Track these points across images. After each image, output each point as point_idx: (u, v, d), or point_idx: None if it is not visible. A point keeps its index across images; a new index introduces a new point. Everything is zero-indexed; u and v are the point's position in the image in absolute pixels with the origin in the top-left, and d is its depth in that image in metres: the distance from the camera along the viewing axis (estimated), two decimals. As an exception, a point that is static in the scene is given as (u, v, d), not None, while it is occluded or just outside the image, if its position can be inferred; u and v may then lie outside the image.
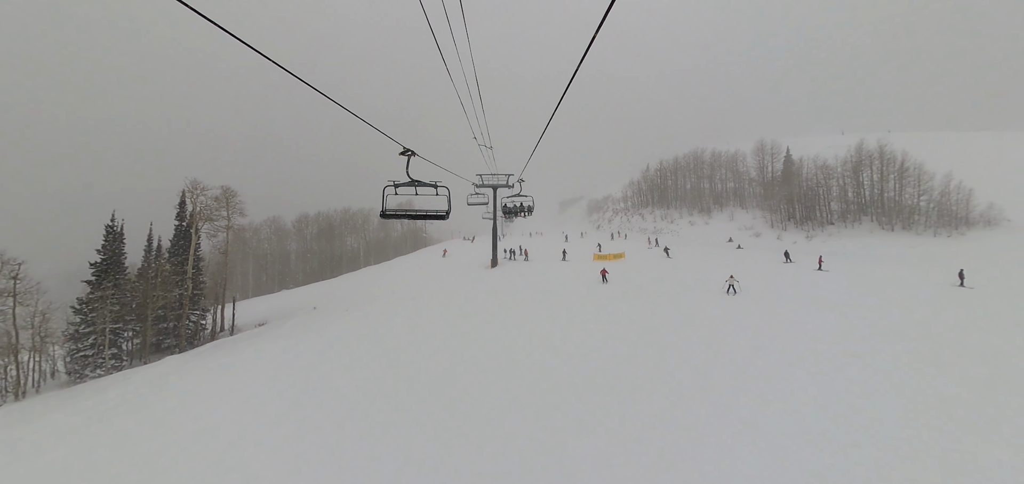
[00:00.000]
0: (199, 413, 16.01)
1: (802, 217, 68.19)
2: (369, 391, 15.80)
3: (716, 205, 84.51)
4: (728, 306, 23.50)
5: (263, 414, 15.01)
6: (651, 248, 56.77)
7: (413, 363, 18.46)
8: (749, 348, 16.69)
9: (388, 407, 14.25)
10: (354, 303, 40.35)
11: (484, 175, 46.70)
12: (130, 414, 17.08)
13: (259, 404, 16.09)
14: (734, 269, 33.09)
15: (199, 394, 18.53)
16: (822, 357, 15.57)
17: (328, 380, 17.57)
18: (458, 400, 14.22)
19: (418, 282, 44.19)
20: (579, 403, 13.16)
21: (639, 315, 22.47)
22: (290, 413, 14.79)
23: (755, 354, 16.04)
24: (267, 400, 16.46)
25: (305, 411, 14.82)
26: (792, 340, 17.46)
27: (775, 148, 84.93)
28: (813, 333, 18.24)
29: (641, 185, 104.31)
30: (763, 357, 15.78)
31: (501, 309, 26.03)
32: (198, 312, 37.21)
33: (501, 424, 12.26)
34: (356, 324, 28.49)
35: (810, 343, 17.05)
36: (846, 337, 17.60)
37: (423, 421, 12.89)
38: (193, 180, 35.04)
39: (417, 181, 9.07)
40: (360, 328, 26.85)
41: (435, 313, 27.66)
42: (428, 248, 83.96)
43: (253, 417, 14.86)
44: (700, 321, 20.81)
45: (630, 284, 30.07)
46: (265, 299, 62.92)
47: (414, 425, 12.69)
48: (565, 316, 23.32)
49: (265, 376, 19.82)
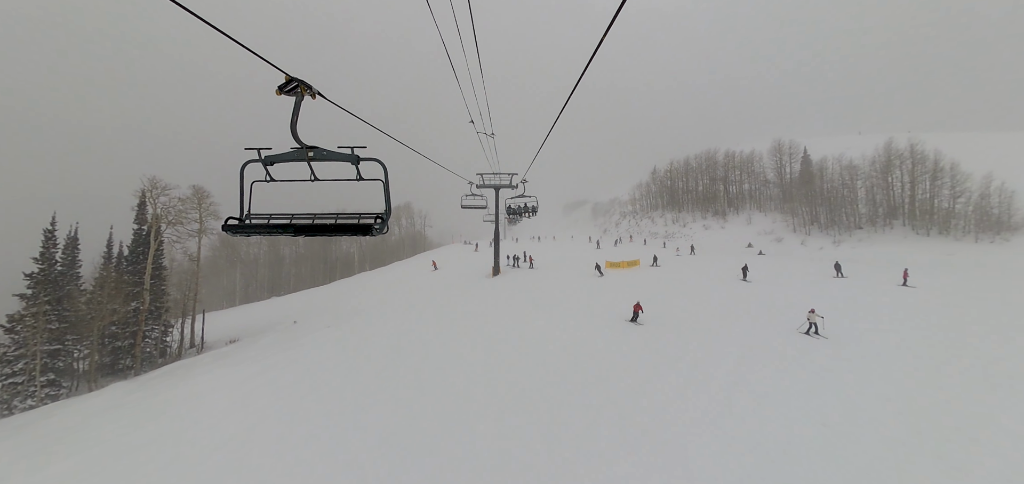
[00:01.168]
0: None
1: (827, 221, 63.43)
2: (336, 456, 11.46)
3: (731, 208, 79.80)
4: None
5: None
6: (678, 256, 51.62)
7: (393, 406, 14.10)
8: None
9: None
10: (338, 316, 36.08)
11: (485, 174, 42.56)
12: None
13: (190, 462, 11.83)
14: (783, 289, 28.52)
15: (117, 447, 14.19)
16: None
17: (288, 432, 13.19)
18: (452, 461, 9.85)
19: (411, 293, 39.86)
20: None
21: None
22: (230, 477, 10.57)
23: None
24: (205, 455, 12.18)
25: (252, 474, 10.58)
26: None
27: (793, 148, 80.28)
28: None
29: (650, 187, 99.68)
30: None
31: (502, 328, 21.61)
32: (161, 327, 32.91)
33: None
34: (333, 346, 24.15)
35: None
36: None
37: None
38: (151, 178, 30.80)
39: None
40: (336, 352, 22.48)
41: (425, 331, 23.25)
42: (428, 252, 79.63)
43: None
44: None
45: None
46: (250, 309, 58.67)
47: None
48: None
49: (211, 418, 15.55)
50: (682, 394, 13.47)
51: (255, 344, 31.66)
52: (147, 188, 30.45)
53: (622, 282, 32.86)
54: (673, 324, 21.20)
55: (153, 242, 29.75)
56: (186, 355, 34.47)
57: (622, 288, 29.72)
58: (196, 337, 37.08)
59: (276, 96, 3.90)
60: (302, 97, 3.94)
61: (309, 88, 3.93)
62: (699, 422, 11.77)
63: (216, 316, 56.61)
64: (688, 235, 76.45)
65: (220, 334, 40.10)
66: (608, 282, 33.32)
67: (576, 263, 45.69)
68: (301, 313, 43.14)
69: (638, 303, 21.87)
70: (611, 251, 55.36)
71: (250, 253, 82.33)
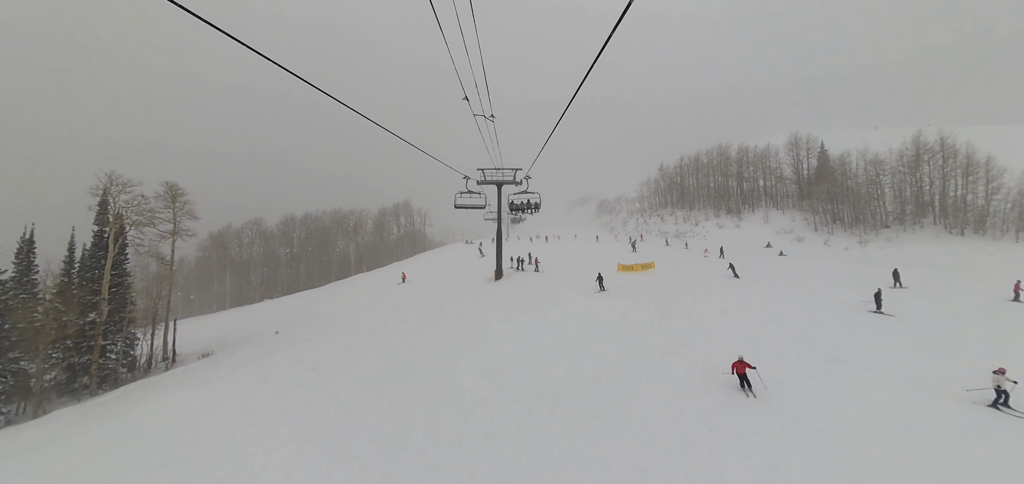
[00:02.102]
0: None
1: (851, 219, 59.55)
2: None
3: (746, 206, 75.94)
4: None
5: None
6: (706, 258, 47.61)
7: (373, 448, 10.61)
8: None
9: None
10: (322, 328, 32.72)
11: (486, 170, 39.06)
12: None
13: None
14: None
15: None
16: None
17: None
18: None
19: (403, 299, 36.43)
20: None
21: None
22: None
23: None
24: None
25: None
26: None
27: (810, 142, 76.25)
28: None
29: (659, 183, 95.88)
30: None
31: (505, 356, 18.07)
32: (125, 340, 29.56)
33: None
34: (311, 367, 20.71)
35: None
36: None
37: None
38: (110, 173, 27.36)
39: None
40: (311, 375, 19.04)
41: (413, 351, 19.76)
42: (426, 253, 76.18)
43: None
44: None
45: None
46: (238, 314, 55.38)
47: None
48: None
49: (153, 461, 12.23)
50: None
51: (228, 359, 28.31)
52: (107, 184, 27.02)
53: (648, 290, 29.15)
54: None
55: (112, 246, 26.36)
56: (156, 370, 31.17)
57: (658, 301, 25.33)
58: (170, 349, 33.74)
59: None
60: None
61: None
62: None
63: (200, 322, 53.39)
64: (701, 234, 72.71)
65: (197, 344, 36.80)
66: (635, 290, 29.65)
67: (586, 266, 42.12)
68: (289, 319, 39.84)
69: (742, 361, 13.13)
70: (624, 252, 51.69)
71: (243, 255, 79.06)
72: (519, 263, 44.74)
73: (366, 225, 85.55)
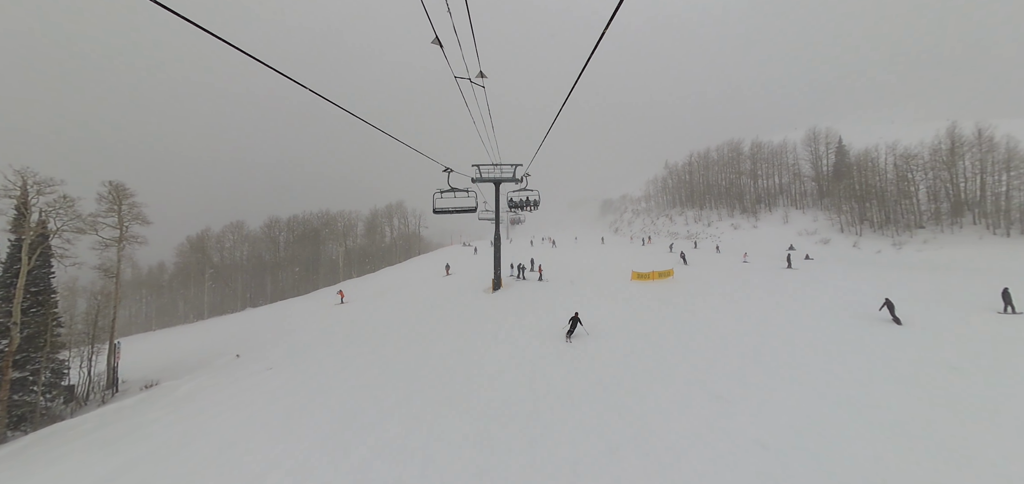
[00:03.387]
0: None
1: (881, 220, 54.77)
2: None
3: (763, 205, 71.16)
4: None
5: None
6: (745, 262, 41.55)
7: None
8: None
9: None
10: (290, 351, 27.96)
11: (483, 166, 34.36)
12: None
13: None
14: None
15: None
16: None
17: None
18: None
19: (387, 314, 31.67)
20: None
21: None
22: None
23: None
24: None
25: None
26: None
27: (830, 137, 71.48)
28: None
29: (667, 182, 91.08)
30: None
31: (505, 414, 13.16)
32: (52, 369, 24.71)
33: None
34: (262, 405, 15.99)
35: None
36: None
37: None
38: (22, 169, 22.46)
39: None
40: (262, 422, 14.26)
41: (387, 396, 15.00)
42: (419, 258, 71.37)
43: None
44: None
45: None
46: (212, 326, 50.52)
47: None
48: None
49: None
50: None
51: (165, 397, 23.47)
52: (20, 183, 22.16)
53: (697, 313, 24.21)
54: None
55: (26, 259, 21.60)
56: (91, 404, 26.36)
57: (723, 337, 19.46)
58: (116, 374, 28.90)
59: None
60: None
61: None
62: None
63: (169, 336, 48.56)
64: (714, 235, 67.91)
65: (151, 367, 32.00)
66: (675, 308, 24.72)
67: (595, 274, 37.27)
68: (261, 336, 35.08)
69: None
70: (637, 254, 46.80)
71: (227, 259, 74.11)
72: (520, 271, 39.96)
73: (357, 228, 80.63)
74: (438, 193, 16.27)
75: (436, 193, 16.56)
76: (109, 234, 29.77)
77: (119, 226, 29.86)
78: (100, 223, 29.26)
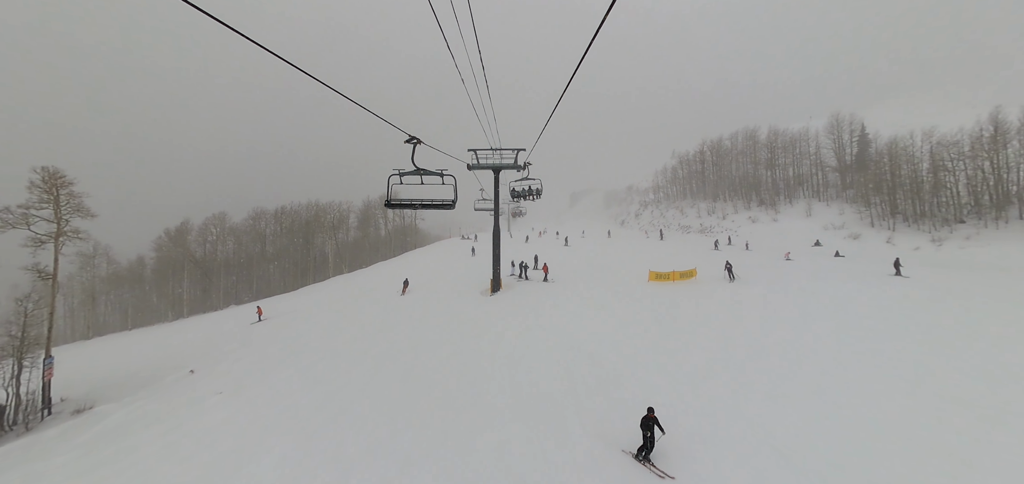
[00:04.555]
0: None
1: (917, 213, 50.25)
2: None
3: (783, 197, 66.57)
4: None
5: None
6: (789, 260, 37.46)
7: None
8: None
9: None
10: (261, 358, 23.90)
11: (480, 151, 30.09)
12: None
13: None
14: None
15: None
16: None
17: None
18: None
19: (371, 317, 27.52)
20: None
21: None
22: None
23: None
24: None
25: None
26: None
27: (854, 124, 66.69)
28: None
29: (677, 172, 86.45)
30: None
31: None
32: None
33: None
34: (201, 444, 11.91)
35: None
36: None
37: None
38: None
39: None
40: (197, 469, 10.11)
41: (361, 436, 10.88)
42: (416, 251, 67.01)
43: None
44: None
45: None
46: (185, 326, 46.27)
47: None
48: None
49: None
50: None
51: (99, 423, 19.40)
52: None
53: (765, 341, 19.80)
54: None
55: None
56: (15, 432, 22.21)
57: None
58: (49, 394, 24.68)
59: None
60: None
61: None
62: None
63: (136, 339, 44.41)
64: (730, 229, 63.42)
65: (98, 382, 27.85)
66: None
67: (607, 272, 32.95)
68: (230, 340, 30.97)
69: None
70: (652, 250, 42.30)
71: (207, 253, 69.69)
72: (522, 269, 35.67)
73: (349, 220, 76.05)
74: (396, 175, 8.80)
75: (392, 175, 9.15)
76: (44, 228, 25.52)
77: (56, 219, 25.56)
78: (32, 216, 24.99)
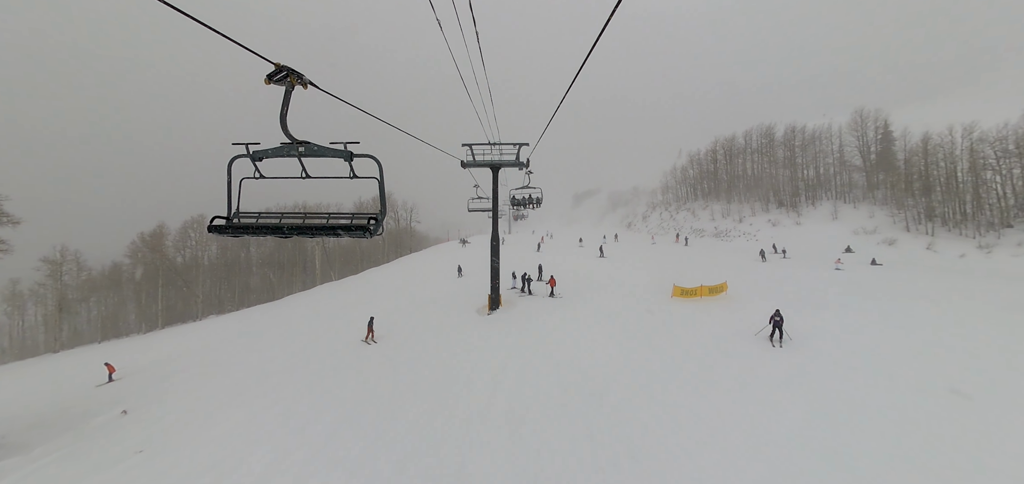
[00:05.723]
0: None
1: (959, 216, 45.73)
2: None
3: (804, 199, 62.02)
4: None
5: None
6: (839, 268, 34.47)
7: None
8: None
9: None
10: (205, 395, 19.48)
11: (475, 146, 25.81)
12: None
13: None
14: None
15: None
16: None
17: None
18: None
19: (352, 337, 23.13)
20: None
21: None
22: None
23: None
24: None
25: None
26: None
27: (878, 119, 62.12)
28: None
29: (687, 171, 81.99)
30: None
31: None
32: None
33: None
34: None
35: None
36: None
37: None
38: None
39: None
40: None
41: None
42: (409, 257, 62.54)
43: None
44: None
45: None
46: (159, 340, 41.79)
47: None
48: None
49: None
50: None
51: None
52: None
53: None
54: None
55: None
56: None
57: None
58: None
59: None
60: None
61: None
62: None
63: (91, 358, 39.90)
64: (748, 232, 58.94)
65: (27, 415, 23.39)
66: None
67: (624, 283, 28.43)
68: (195, 362, 26.57)
69: None
70: (671, 256, 37.68)
71: (190, 259, 65.35)
72: (525, 282, 31.18)
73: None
74: (247, 157, 5.98)
75: (237, 158, 6.46)
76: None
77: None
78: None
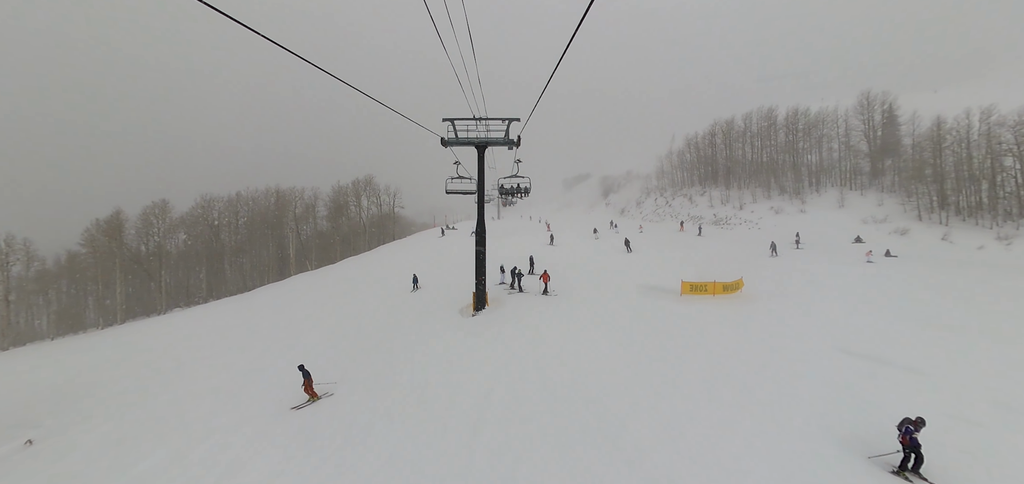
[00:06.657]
0: None
1: (972, 205, 43.33)
2: None
3: (808, 185, 59.31)
4: None
5: None
6: (870, 261, 32.03)
7: None
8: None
9: None
10: (138, 419, 15.83)
11: (458, 121, 21.96)
12: None
13: None
14: None
15: None
16: None
17: None
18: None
19: (313, 342, 19.42)
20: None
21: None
22: None
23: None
24: None
25: None
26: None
27: (885, 103, 59.37)
28: None
29: (685, 156, 78.85)
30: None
31: None
32: None
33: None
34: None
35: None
36: None
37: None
38: None
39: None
40: None
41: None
42: (397, 242, 58.64)
43: None
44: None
45: None
46: (116, 335, 37.57)
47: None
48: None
49: None
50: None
51: None
52: None
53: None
54: None
55: None
56: None
57: None
58: None
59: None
60: None
61: None
62: None
63: (40, 354, 35.64)
64: (750, 220, 56.15)
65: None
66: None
67: (622, 279, 25.13)
68: (138, 367, 22.72)
69: None
70: (685, 249, 34.52)
71: (166, 248, 60.11)
72: (515, 277, 27.72)
73: (317, 209, 66.95)
74: None
75: None
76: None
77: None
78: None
